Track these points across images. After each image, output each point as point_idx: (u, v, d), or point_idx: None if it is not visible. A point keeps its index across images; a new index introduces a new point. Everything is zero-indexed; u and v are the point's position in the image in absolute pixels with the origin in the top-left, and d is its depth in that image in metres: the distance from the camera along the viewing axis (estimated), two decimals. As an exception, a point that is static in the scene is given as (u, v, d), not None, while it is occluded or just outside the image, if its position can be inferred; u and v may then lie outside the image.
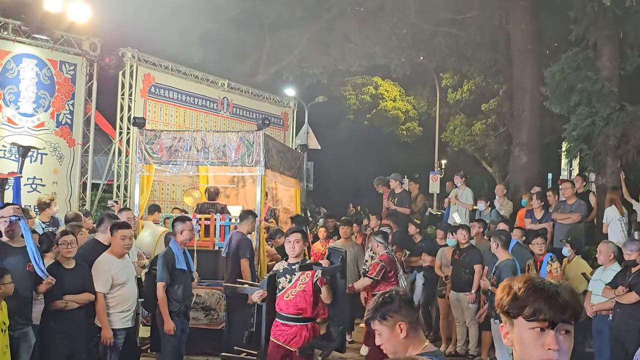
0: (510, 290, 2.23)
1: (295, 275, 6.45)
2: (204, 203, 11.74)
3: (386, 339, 3.42)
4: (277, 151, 11.44)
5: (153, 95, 14.56)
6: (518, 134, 15.83)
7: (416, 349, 3.38)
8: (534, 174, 15.16)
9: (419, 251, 11.76)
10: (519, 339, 2.21)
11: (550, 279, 2.29)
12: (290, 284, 6.44)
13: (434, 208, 21.86)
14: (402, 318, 3.40)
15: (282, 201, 14.01)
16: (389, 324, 3.40)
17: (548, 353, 2.14)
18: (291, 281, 6.44)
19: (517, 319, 2.20)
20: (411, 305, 3.51)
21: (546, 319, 2.15)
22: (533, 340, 2.16)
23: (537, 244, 9.39)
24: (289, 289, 6.43)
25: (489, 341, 9.88)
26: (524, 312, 2.17)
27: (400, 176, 14.04)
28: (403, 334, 3.37)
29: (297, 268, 6.41)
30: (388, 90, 30.47)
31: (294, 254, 6.49)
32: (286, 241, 6.57)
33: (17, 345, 6.26)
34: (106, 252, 7.08)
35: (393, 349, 3.42)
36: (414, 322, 3.45)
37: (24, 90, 12.54)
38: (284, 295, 6.44)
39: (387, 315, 3.41)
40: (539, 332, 2.16)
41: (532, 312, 2.15)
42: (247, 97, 17.55)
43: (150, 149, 10.79)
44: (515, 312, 2.19)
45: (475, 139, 25.47)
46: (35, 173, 12.59)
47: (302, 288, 6.40)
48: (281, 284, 6.49)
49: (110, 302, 6.94)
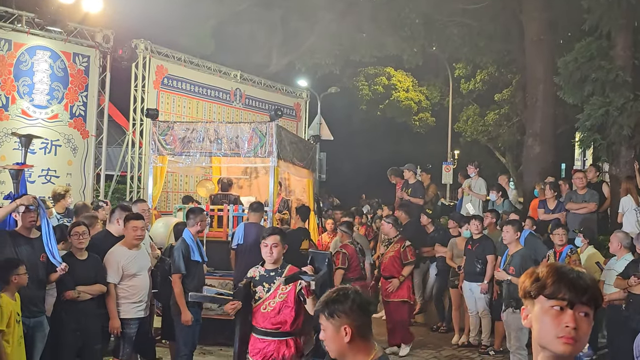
0: (533, 273, 2.32)
1: (274, 283, 5.63)
2: (217, 194, 11.79)
3: (329, 338, 3.23)
4: (290, 142, 11.46)
5: (166, 87, 14.60)
6: (531, 124, 15.76)
7: (365, 356, 3.18)
8: (548, 164, 15.09)
9: (431, 242, 11.78)
10: (538, 318, 2.27)
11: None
12: (269, 293, 5.62)
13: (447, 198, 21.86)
14: (350, 321, 3.16)
15: (295, 192, 14.03)
16: (334, 323, 3.18)
17: (565, 330, 2.20)
18: (269, 290, 5.63)
19: (538, 298, 2.27)
20: (364, 309, 3.24)
21: (565, 298, 2.21)
22: (552, 318, 2.23)
23: (558, 235, 9.18)
24: (267, 300, 5.61)
25: (502, 331, 9.88)
26: (545, 291, 2.24)
27: (414, 167, 14.03)
28: (347, 338, 3.14)
29: (276, 276, 5.65)
30: (401, 81, 30.38)
31: (271, 259, 5.67)
32: (262, 244, 5.69)
33: (32, 335, 6.34)
34: (119, 244, 7.14)
35: (336, 350, 3.22)
36: (363, 327, 3.21)
37: (38, 82, 12.60)
38: (260, 306, 5.63)
39: (334, 313, 3.19)
40: (558, 310, 2.22)
41: (553, 291, 2.23)
42: (259, 88, 17.57)
43: (164, 140, 10.85)
44: (537, 292, 2.27)
45: (488, 129, 25.38)
46: (49, 164, 12.67)
47: (283, 299, 5.60)
48: (258, 293, 5.65)
49: (121, 292, 6.99)
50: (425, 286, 12.14)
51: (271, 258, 5.65)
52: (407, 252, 9.98)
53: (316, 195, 14.85)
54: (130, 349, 7.12)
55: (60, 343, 6.61)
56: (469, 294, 10.19)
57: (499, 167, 26.73)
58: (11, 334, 5.95)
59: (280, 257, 5.71)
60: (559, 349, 2.21)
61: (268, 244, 5.64)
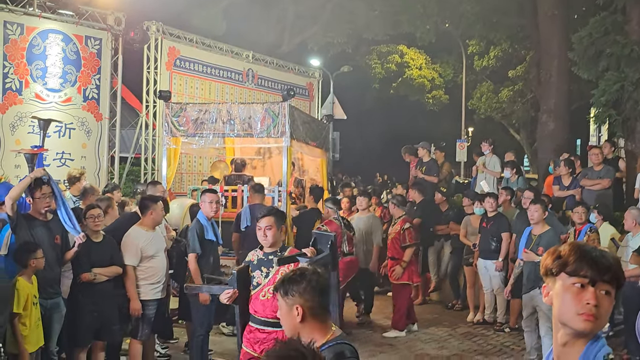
0: (556, 251, 2.33)
1: (273, 267, 5.23)
2: (230, 175, 11.81)
3: (283, 316, 3.33)
4: (303, 122, 11.45)
5: (178, 68, 14.59)
6: (546, 100, 15.64)
7: (320, 337, 3.21)
8: (562, 140, 15.00)
9: (445, 220, 11.77)
10: (559, 295, 2.28)
11: None
12: (268, 279, 5.19)
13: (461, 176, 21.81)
14: (302, 302, 3.22)
15: (309, 172, 14.04)
16: (288, 302, 3.26)
17: (586, 307, 2.20)
18: (268, 275, 5.20)
19: (560, 275, 2.28)
20: (320, 291, 3.28)
21: (587, 275, 2.22)
22: (573, 295, 2.24)
23: (578, 213, 9.00)
24: (265, 286, 5.16)
25: (517, 309, 9.88)
26: (567, 268, 2.25)
27: (428, 144, 13.98)
28: (299, 318, 3.21)
29: (274, 260, 5.26)
30: (414, 59, 30.24)
31: (267, 242, 5.29)
32: (257, 227, 5.36)
33: (49, 316, 6.41)
34: (135, 225, 7.19)
35: (288, 329, 3.30)
36: (316, 309, 3.24)
37: (51, 66, 12.63)
38: (259, 293, 5.19)
39: (289, 292, 3.27)
40: (580, 288, 2.23)
41: (575, 268, 2.24)
42: (272, 68, 17.52)
43: (177, 121, 10.87)
44: (558, 269, 2.28)
45: (502, 106, 25.27)
46: (64, 148, 12.73)
47: None
48: (256, 278, 5.25)
49: (140, 274, 7.05)
50: (439, 264, 12.15)
51: (266, 241, 5.27)
52: (405, 235, 9.79)
53: (330, 174, 14.85)
54: (148, 330, 7.20)
55: (77, 324, 6.67)
56: (484, 271, 10.19)
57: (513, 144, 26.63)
58: (28, 316, 6.02)
59: (278, 240, 5.33)
60: (579, 325, 2.22)
61: (261, 227, 5.27)
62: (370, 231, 10.45)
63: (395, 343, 9.31)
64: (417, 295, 11.83)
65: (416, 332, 9.88)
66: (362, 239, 10.41)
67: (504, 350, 9.03)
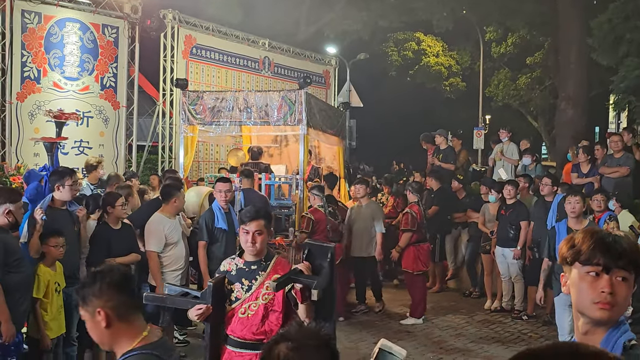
0: (571, 239, 2.30)
1: (256, 279, 4.32)
2: (247, 163, 11.82)
3: (90, 328, 2.81)
4: (319, 109, 11.43)
5: (195, 57, 14.62)
6: (564, 87, 15.54)
7: (128, 342, 2.76)
8: (581, 127, 14.91)
9: (462, 207, 11.73)
10: (575, 284, 2.27)
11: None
12: (250, 293, 4.30)
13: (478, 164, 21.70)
14: (103, 303, 2.73)
15: (325, 159, 14.03)
16: (89, 310, 2.76)
17: (601, 296, 2.19)
18: (250, 289, 4.31)
19: (575, 264, 2.26)
20: (119, 286, 2.78)
21: (600, 263, 2.20)
22: (588, 284, 2.22)
23: (597, 201, 8.80)
24: (246, 301, 4.30)
25: (534, 297, 9.84)
26: (581, 257, 2.23)
27: (446, 132, 13.92)
28: (103, 323, 2.72)
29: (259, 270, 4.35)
30: (430, 46, 30.04)
31: (253, 250, 4.33)
32: (242, 230, 4.35)
33: (70, 303, 6.45)
34: (158, 212, 7.23)
35: (99, 339, 2.82)
36: (121, 308, 2.76)
37: (69, 55, 12.69)
38: (238, 310, 4.30)
39: (86, 299, 2.76)
40: (594, 276, 2.21)
41: (588, 257, 2.21)
42: (288, 56, 17.50)
43: (194, 110, 10.89)
44: (573, 258, 2.26)
45: (520, 93, 25.10)
46: (82, 136, 12.81)
47: (268, 300, 4.30)
48: (235, 292, 4.33)
49: (163, 261, 7.11)
50: (457, 252, 12.12)
51: (253, 249, 4.31)
52: (402, 220, 10.00)
53: (346, 162, 14.83)
54: (169, 317, 7.25)
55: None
56: (502, 259, 10.15)
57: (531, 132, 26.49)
58: (50, 302, 6.07)
59: (265, 248, 4.38)
60: (595, 314, 2.20)
61: (250, 231, 4.28)
62: (372, 219, 10.23)
63: (412, 330, 9.32)
64: (435, 283, 11.83)
65: (434, 320, 9.88)
66: (364, 227, 10.18)
67: (521, 338, 9.00)
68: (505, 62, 26.83)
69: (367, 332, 9.18)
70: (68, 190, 6.54)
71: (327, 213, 9.57)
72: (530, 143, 14.04)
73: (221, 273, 4.43)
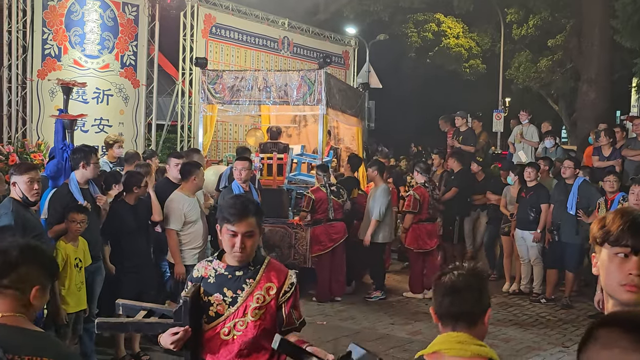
0: (602, 219, 2.27)
1: (242, 289, 3.38)
2: (266, 142, 11.82)
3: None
4: (339, 90, 11.39)
5: (214, 36, 14.58)
6: (586, 69, 15.36)
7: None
8: (602, 111, 14.75)
9: (482, 190, 11.67)
10: (604, 265, 2.23)
11: None
12: (235, 307, 3.36)
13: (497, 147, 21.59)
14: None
15: (344, 140, 14.00)
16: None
17: (629, 278, 2.15)
18: (235, 302, 3.36)
19: (604, 245, 2.23)
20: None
21: (628, 244, 2.16)
22: (617, 266, 2.19)
23: (609, 182, 8.84)
24: (230, 318, 3.36)
25: (553, 280, 9.85)
26: (610, 237, 2.20)
27: (466, 114, 13.82)
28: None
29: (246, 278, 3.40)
30: (451, 27, 29.83)
31: (242, 257, 3.37)
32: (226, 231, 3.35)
33: (92, 279, 6.51)
34: (177, 190, 7.25)
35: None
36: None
37: (89, 33, 12.70)
38: (220, 329, 3.37)
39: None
40: (623, 258, 2.18)
41: (617, 238, 2.18)
42: (307, 36, 17.41)
43: (213, 89, 10.90)
44: (602, 239, 2.23)
45: (540, 75, 24.86)
46: (102, 114, 12.84)
47: (259, 316, 3.36)
48: (214, 306, 3.37)
49: (182, 239, 7.13)
50: (475, 234, 12.07)
51: (242, 255, 3.35)
52: (405, 202, 10.19)
53: (365, 143, 14.78)
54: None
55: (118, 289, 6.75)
56: (521, 242, 10.10)
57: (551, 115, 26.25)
58: (68, 278, 6.08)
59: (254, 252, 3.43)
60: (623, 297, 2.17)
61: (237, 232, 3.32)
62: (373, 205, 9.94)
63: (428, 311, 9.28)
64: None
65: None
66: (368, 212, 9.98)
67: (540, 321, 8.96)
68: (526, 44, 26.58)
69: (385, 312, 9.20)
70: (93, 168, 6.59)
71: (330, 192, 9.57)
72: (551, 126, 13.94)
73: (195, 280, 3.47)
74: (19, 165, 6.18)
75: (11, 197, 5.69)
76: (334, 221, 9.62)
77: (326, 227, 9.58)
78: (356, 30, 23.24)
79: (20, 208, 5.58)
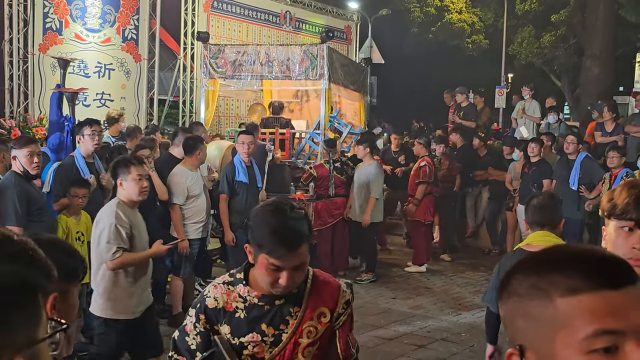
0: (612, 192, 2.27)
1: (287, 321, 2.55)
2: (268, 117, 11.79)
3: None
4: (341, 64, 11.35)
5: (216, 10, 14.49)
6: (590, 45, 15.29)
7: None
8: (606, 86, 14.71)
9: (483, 165, 11.65)
10: (610, 238, 2.23)
11: None
12: (279, 347, 2.54)
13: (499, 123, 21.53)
14: None
15: (346, 115, 13.94)
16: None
17: (633, 251, 2.13)
18: (279, 341, 2.54)
19: (610, 219, 2.22)
20: None
21: (633, 218, 2.15)
22: (622, 239, 2.18)
23: (611, 158, 8.79)
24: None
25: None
26: (616, 210, 2.19)
27: (467, 89, 13.78)
28: None
29: (290, 305, 2.55)
30: (454, 2, 29.57)
31: (284, 290, 2.47)
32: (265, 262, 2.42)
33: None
34: (180, 165, 7.26)
35: None
36: None
37: (90, 6, 12.62)
38: None
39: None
40: (627, 231, 2.17)
41: (622, 211, 2.17)
42: (309, 11, 17.29)
43: (215, 63, 10.86)
44: (609, 212, 2.22)
45: (544, 51, 24.70)
46: (103, 88, 12.80)
47: (312, 354, 2.59)
48: (249, 348, 2.52)
49: (185, 213, 7.15)
50: (477, 210, 12.08)
51: (286, 289, 2.47)
52: (420, 172, 10.02)
53: (367, 119, 14.75)
54: (190, 268, 7.34)
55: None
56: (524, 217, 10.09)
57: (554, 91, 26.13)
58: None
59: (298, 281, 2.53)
60: None
61: (285, 267, 2.42)
62: (368, 180, 9.50)
63: (431, 286, 9.36)
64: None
65: (452, 276, 9.93)
66: (361, 191, 9.51)
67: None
68: (530, 20, 26.38)
69: (387, 287, 9.24)
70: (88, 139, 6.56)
71: (333, 169, 9.55)
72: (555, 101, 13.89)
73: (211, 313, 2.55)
74: (19, 139, 6.18)
75: (13, 171, 5.69)
76: (335, 197, 9.63)
77: (327, 203, 9.59)
78: (358, 5, 23.11)
79: (22, 181, 5.59)
